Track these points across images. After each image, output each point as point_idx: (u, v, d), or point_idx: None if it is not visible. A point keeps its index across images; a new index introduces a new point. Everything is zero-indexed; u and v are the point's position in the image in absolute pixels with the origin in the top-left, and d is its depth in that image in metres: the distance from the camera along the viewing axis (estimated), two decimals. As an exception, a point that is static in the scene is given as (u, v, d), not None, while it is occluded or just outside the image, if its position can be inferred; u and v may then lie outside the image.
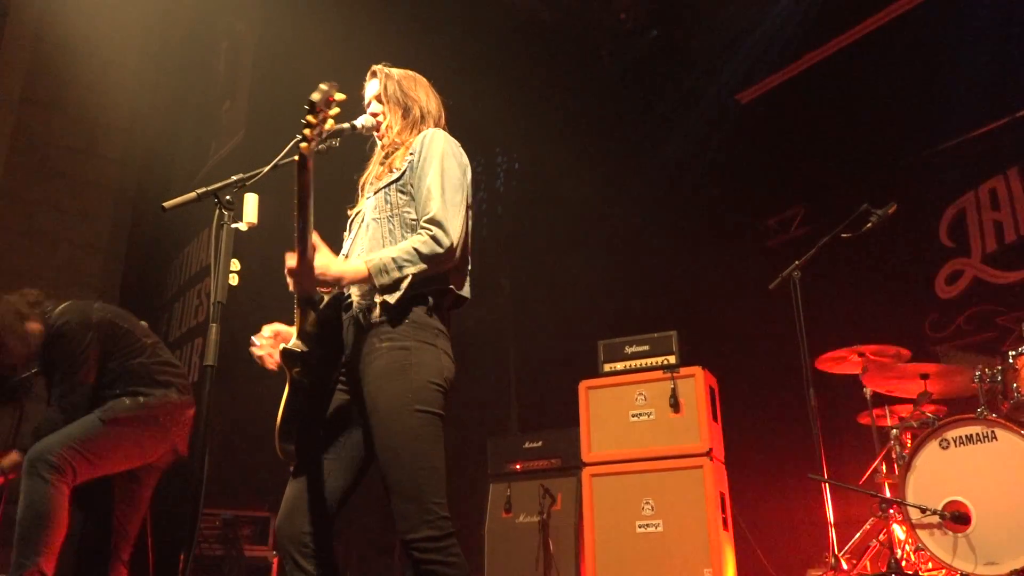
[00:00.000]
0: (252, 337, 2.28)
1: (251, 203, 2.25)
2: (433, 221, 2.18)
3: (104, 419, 3.28)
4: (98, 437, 3.24)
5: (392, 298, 2.12)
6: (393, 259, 2.12)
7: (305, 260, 2.07)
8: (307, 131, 2.01)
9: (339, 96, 2.06)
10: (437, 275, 2.20)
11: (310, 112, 2.01)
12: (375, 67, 2.51)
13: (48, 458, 3.09)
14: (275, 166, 2.27)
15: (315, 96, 2.01)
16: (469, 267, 2.36)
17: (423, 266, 2.13)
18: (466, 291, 2.33)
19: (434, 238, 2.16)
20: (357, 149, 2.55)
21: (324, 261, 2.11)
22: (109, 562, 3.39)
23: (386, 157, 2.43)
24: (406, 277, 2.12)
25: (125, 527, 3.45)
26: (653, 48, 6.19)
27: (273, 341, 2.26)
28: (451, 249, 2.17)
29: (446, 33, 6.30)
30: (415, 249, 2.14)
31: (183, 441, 3.52)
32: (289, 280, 2.12)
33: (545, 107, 6.32)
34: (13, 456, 3.38)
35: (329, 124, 2.05)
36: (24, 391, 3.83)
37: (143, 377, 3.45)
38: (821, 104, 5.27)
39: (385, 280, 2.11)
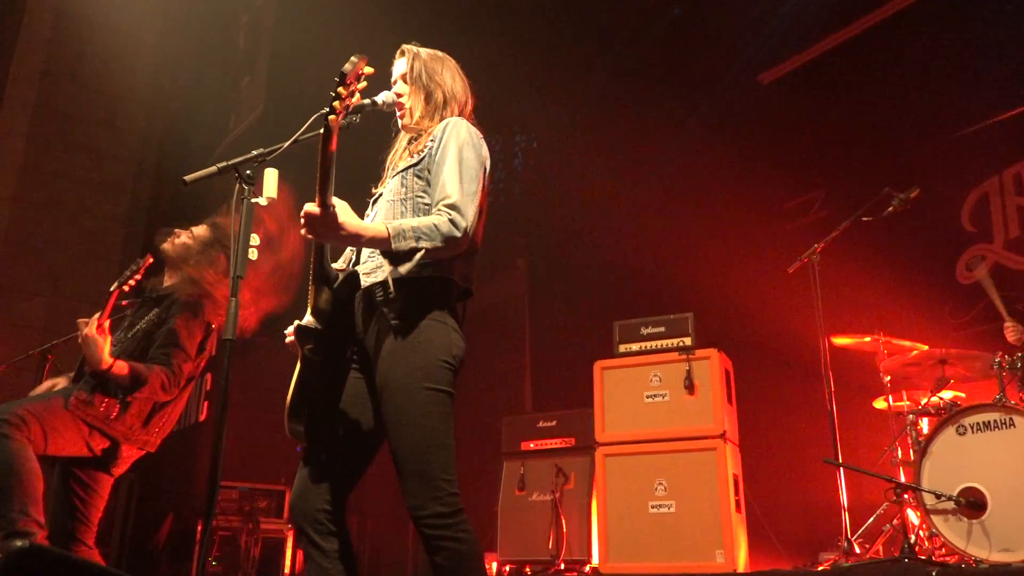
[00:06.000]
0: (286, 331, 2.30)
1: (271, 178, 2.25)
2: (451, 206, 2.17)
3: (73, 411, 3.20)
4: (56, 417, 3.17)
5: (404, 269, 2.12)
6: (413, 228, 2.12)
7: (327, 210, 2.04)
8: (336, 104, 1.98)
9: (368, 70, 2.03)
10: (443, 262, 2.19)
11: (340, 84, 1.97)
12: (404, 46, 2.48)
13: (5, 417, 3.03)
14: (295, 141, 2.27)
15: (346, 67, 1.97)
16: (476, 259, 2.34)
17: (439, 244, 2.13)
18: (471, 285, 2.31)
19: (452, 221, 2.15)
20: (376, 128, 2.54)
21: (345, 216, 2.09)
22: (73, 548, 3.28)
23: (410, 141, 2.43)
24: (420, 249, 2.11)
25: (87, 515, 3.34)
26: (675, 27, 6.13)
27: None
28: (466, 234, 2.16)
29: (465, 9, 6.26)
30: (435, 225, 2.13)
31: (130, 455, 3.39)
32: (303, 227, 2.08)
33: (564, 86, 6.27)
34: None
35: (356, 98, 2.03)
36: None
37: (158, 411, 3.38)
38: (844, 85, 5.20)
39: (402, 245, 2.10)
